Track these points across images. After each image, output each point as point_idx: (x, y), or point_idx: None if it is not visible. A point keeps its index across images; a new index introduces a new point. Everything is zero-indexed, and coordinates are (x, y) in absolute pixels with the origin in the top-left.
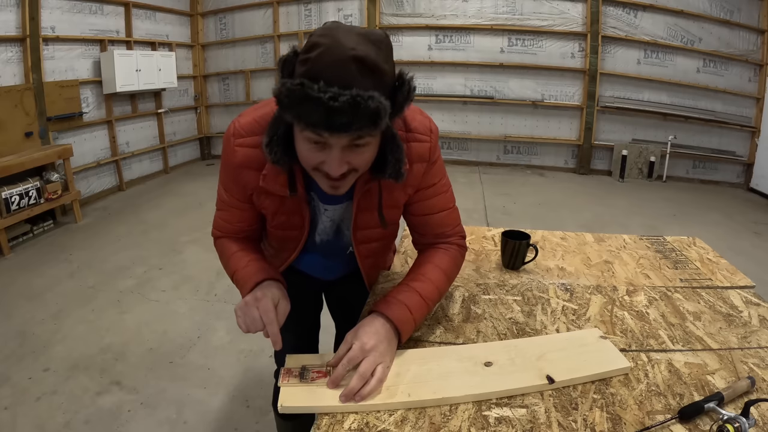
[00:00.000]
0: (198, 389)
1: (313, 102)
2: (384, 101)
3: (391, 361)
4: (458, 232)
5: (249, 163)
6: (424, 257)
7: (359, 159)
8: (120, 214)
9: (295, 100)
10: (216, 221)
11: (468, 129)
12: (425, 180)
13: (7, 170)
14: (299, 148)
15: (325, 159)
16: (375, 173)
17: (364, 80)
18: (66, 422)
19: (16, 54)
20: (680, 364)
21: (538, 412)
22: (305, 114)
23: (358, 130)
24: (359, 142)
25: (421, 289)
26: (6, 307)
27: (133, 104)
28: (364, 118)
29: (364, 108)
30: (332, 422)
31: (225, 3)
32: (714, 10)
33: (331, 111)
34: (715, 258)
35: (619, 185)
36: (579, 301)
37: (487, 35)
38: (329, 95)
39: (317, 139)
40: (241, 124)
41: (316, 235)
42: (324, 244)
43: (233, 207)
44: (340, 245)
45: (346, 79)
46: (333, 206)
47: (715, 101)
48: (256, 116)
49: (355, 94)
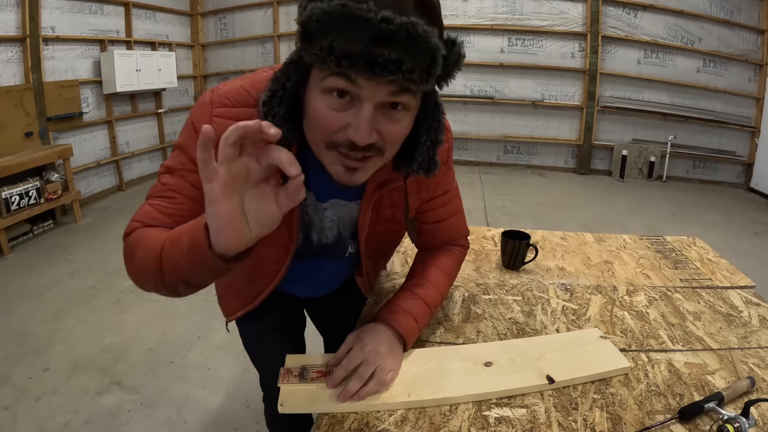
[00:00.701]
0: (198, 389)
1: (360, 23)
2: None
3: (396, 366)
4: (465, 234)
5: None
6: (427, 260)
7: (391, 129)
8: (120, 214)
9: (331, 23)
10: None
11: (468, 129)
12: (440, 186)
13: (7, 170)
14: (314, 110)
15: (350, 121)
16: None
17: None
18: (66, 422)
19: (16, 54)
20: (680, 364)
21: (538, 412)
22: (344, 40)
23: (408, 73)
24: (398, 100)
25: (426, 295)
26: (6, 307)
27: (133, 104)
28: (419, 55)
29: (423, 42)
30: (332, 422)
31: (225, 3)
32: (714, 10)
33: (381, 38)
34: (715, 258)
35: (619, 185)
36: (579, 301)
37: (487, 35)
38: (382, 16)
39: (346, 87)
40: (223, 91)
41: (313, 233)
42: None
43: (181, 194)
44: (338, 249)
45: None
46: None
47: (715, 101)
48: (244, 83)
49: (415, 21)
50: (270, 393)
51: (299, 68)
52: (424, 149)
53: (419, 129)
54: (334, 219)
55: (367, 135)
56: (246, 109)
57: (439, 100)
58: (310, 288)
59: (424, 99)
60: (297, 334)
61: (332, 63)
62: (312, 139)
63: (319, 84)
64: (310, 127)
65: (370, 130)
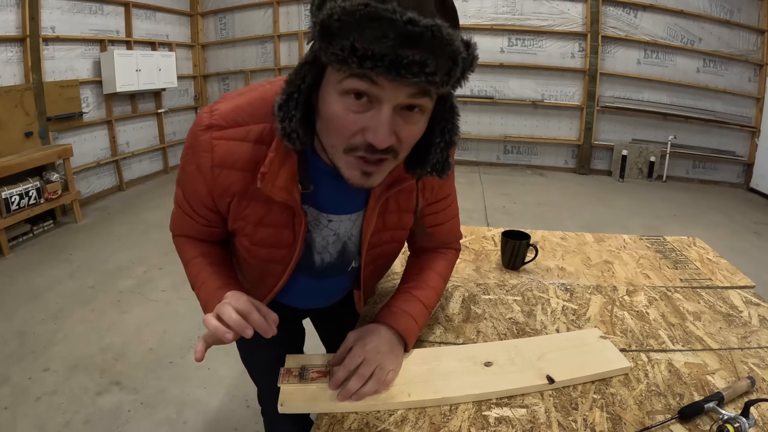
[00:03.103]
0: (198, 389)
1: (384, 24)
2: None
3: (396, 366)
4: (459, 237)
5: (232, 161)
6: (423, 262)
7: (408, 131)
8: (120, 214)
9: (353, 23)
10: (174, 220)
11: (468, 129)
12: (443, 189)
13: (7, 170)
14: (332, 112)
15: (369, 124)
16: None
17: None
18: (66, 422)
19: (16, 54)
20: (680, 364)
21: (538, 412)
22: (368, 41)
23: (431, 75)
24: (417, 102)
25: (424, 297)
26: (6, 307)
27: (133, 104)
28: (443, 57)
29: (447, 44)
30: (332, 422)
31: (225, 3)
32: (714, 10)
33: (406, 40)
34: (715, 258)
35: (619, 185)
36: (579, 301)
37: (487, 35)
38: (407, 17)
39: (366, 89)
40: (220, 112)
41: (315, 254)
42: (323, 268)
43: (191, 218)
44: (342, 266)
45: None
46: (339, 216)
47: (715, 101)
48: (240, 102)
49: (440, 23)
50: (268, 408)
51: (314, 69)
52: (438, 150)
53: (433, 130)
54: (339, 233)
55: (387, 137)
56: (243, 128)
57: (455, 102)
58: (311, 301)
59: (440, 100)
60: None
61: (354, 64)
62: (328, 143)
63: (336, 86)
64: (325, 130)
65: (390, 132)
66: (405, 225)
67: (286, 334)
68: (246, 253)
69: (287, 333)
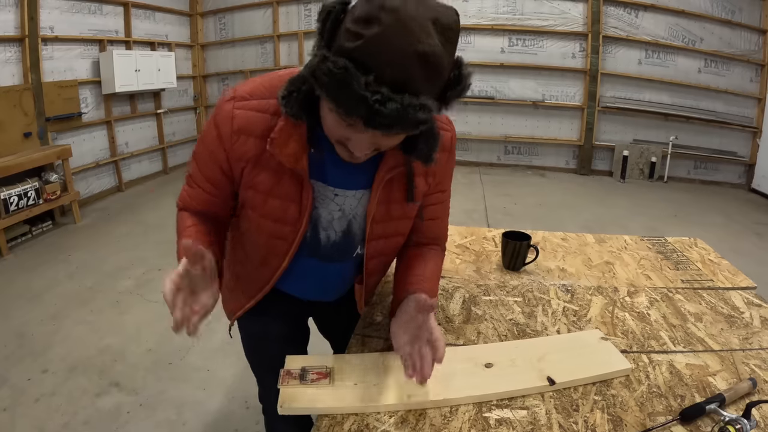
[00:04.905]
0: (197, 390)
1: (356, 98)
2: (434, 106)
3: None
4: (446, 236)
5: (250, 128)
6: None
7: (388, 143)
8: (119, 215)
9: (334, 85)
10: (182, 194)
11: (468, 129)
12: (443, 182)
13: (6, 171)
14: (323, 117)
15: (352, 138)
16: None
17: (421, 84)
18: (65, 423)
19: (14, 54)
20: (681, 365)
21: (539, 414)
22: (343, 103)
23: (397, 132)
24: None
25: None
26: (5, 308)
27: (133, 104)
28: (408, 125)
29: (412, 117)
30: (332, 423)
31: (225, 3)
32: (715, 10)
33: (374, 113)
34: (717, 259)
35: (620, 186)
36: (580, 302)
37: (487, 35)
38: (377, 98)
39: (349, 122)
40: (243, 88)
41: (321, 231)
42: (329, 248)
43: (202, 188)
44: (347, 249)
45: (401, 79)
46: (345, 191)
47: (716, 101)
48: (261, 81)
49: (407, 103)
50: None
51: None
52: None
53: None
54: (344, 209)
55: (364, 154)
56: (263, 101)
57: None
58: (316, 290)
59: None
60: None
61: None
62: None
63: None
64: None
65: (368, 148)
66: (409, 214)
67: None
68: (253, 226)
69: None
